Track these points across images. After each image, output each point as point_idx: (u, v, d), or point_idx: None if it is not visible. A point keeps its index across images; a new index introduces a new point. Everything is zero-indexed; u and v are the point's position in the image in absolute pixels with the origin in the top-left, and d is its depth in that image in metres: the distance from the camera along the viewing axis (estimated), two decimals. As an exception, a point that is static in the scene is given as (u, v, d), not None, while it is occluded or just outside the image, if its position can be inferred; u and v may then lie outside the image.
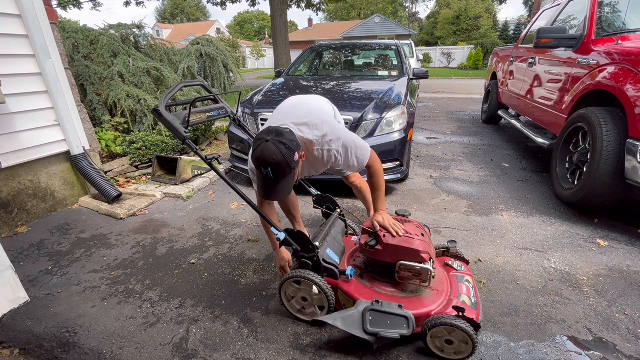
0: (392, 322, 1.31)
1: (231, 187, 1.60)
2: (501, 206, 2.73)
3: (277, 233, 1.54)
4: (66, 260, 2.13)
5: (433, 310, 1.37)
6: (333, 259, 1.54)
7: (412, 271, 1.40)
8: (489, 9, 31.83)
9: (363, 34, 25.17)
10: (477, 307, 1.42)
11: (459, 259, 1.70)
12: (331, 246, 1.61)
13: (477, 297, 1.47)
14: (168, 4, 50.15)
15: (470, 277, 1.57)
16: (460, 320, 1.26)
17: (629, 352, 1.40)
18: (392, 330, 1.30)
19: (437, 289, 1.47)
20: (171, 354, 1.43)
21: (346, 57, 5.02)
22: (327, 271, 1.49)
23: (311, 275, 1.44)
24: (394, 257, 1.42)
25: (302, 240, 1.49)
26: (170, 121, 1.59)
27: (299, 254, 1.51)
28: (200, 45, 5.56)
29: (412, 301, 1.41)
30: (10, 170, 2.46)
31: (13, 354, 1.48)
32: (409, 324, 1.31)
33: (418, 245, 1.40)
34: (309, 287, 1.46)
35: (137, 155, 3.54)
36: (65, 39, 3.98)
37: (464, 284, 1.50)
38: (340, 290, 1.49)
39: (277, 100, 3.28)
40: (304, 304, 1.54)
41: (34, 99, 2.52)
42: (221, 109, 1.95)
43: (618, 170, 2.17)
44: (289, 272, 1.52)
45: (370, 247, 1.46)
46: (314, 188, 2.03)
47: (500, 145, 4.54)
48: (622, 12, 2.91)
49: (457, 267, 1.61)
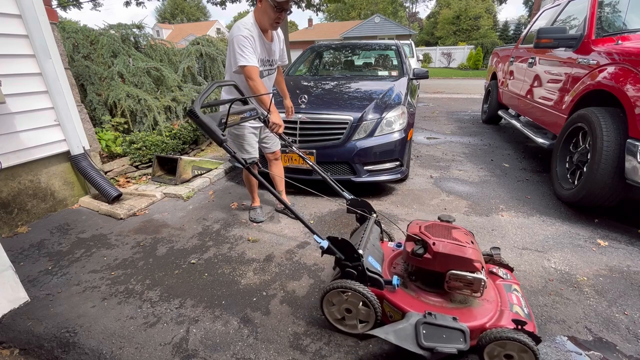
0: (447, 336, 1.23)
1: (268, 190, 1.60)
2: (501, 206, 2.73)
3: (320, 241, 1.46)
4: (66, 260, 2.13)
5: (487, 323, 1.30)
6: (375, 267, 1.47)
7: (463, 281, 1.31)
8: (489, 9, 31.85)
9: (363, 34, 25.17)
10: (531, 318, 1.36)
11: (502, 266, 1.62)
12: (372, 253, 1.53)
13: (529, 308, 1.41)
14: (168, 4, 50.13)
15: (518, 285, 1.50)
16: (521, 334, 1.19)
17: (629, 352, 1.40)
18: (448, 345, 1.21)
19: (487, 299, 1.39)
20: (171, 354, 1.43)
21: (346, 57, 5.02)
22: (371, 281, 1.42)
23: (358, 286, 1.37)
24: (444, 266, 1.34)
25: (346, 249, 1.43)
26: (207, 123, 1.49)
27: (343, 263, 1.44)
28: (200, 45, 5.56)
29: (463, 312, 1.34)
30: (10, 170, 2.46)
31: (13, 354, 1.48)
32: (465, 337, 1.22)
33: (470, 253, 1.32)
34: (357, 299, 1.40)
35: (137, 155, 3.54)
36: (65, 39, 3.97)
37: (513, 293, 1.43)
38: (387, 300, 1.42)
39: (277, 100, 3.27)
40: (346, 315, 1.47)
41: (34, 99, 2.52)
42: (252, 110, 1.93)
43: (618, 170, 2.17)
44: (333, 282, 1.43)
45: (418, 256, 1.38)
46: (347, 192, 1.95)
47: (500, 145, 4.54)
48: (622, 12, 2.91)
49: (503, 275, 1.54)
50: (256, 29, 2.04)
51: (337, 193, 1.97)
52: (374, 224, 1.76)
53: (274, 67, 2.31)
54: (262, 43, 2.11)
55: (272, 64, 2.28)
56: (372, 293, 1.39)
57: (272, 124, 2.04)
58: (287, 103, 2.59)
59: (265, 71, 2.21)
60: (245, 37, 1.97)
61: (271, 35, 2.18)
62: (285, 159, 2.85)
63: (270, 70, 2.27)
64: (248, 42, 1.97)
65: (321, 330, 1.53)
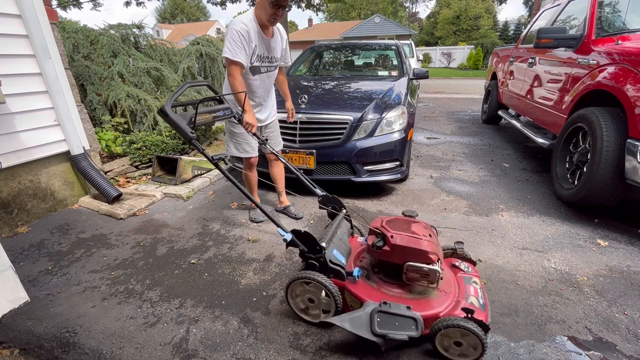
0: (400, 324, 1.30)
1: (237, 187, 1.64)
2: (501, 206, 2.73)
3: (283, 234, 1.54)
4: (66, 260, 2.13)
5: (441, 312, 1.36)
6: (340, 259, 1.53)
7: (420, 272, 1.38)
8: (489, 9, 31.85)
9: (363, 34, 25.16)
10: (486, 308, 1.41)
11: (465, 260, 1.68)
12: (337, 247, 1.60)
13: (485, 299, 1.46)
14: (168, 4, 50.14)
15: (478, 278, 1.56)
16: (469, 321, 1.25)
17: (629, 352, 1.40)
18: (400, 332, 1.29)
19: (445, 290, 1.46)
20: (171, 354, 1.43)
21: (346, 57, 5.02)
22: (333, 272, 1.48)
23: (318, 277, 1.43)
24: (402, 258, 1.41)
25: (309, 241, 1.49)
26: (177, 121, 1.60)
27: (306, 255, 1.51)
28: (200, 45, 5.56)
29: (419, 302, 1.40)
30: (10, 170, 2.46)
31: (13, 354, 1.48)
32: (417, 325, 1.29)
33: (426, 246, 1.39)
34: (318, 290, 1.46)
35: (137, 155, 3.54)
36: (65, 39, 3.97)
37: (472, 285, 1.49)
38: (348, 291, 1.49)
39: (278, 100, 3.27)
40: (309, 305, 1.53)
41: (34, 99, 2.52)
42: (226, 109, 1.95)
43: (618, 170, 2.17)
44: (297, 273, 1.50)
45: (377, 248, 1.45)
46: (319, 188, 2.02)
47: (500, 145, 4.54)
48: (622, 12, 2.91)
49: (464, 268, 1.60)
50: (255, 24, 2.02)
51: (310, 191, 2.05)
52: (343, 219, 1.85)
53: (273, 64, 2.27)
54: (261, 39, 2.08)
55: (272, 61, 2.24)
56: (333, 283, 1.45)
57: (245, 123, 2.03)
58: (289, 105, 2.57)
59: (263, 67, 2.19)
60: (238, 31, 1.94)
61: (272, 31, 2.16)
62: (285, 159, 2.84)
63: (269, 67, 2.24)
64: (239, 37, 1.95)
65: (321, 330, 1.53)
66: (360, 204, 2.80)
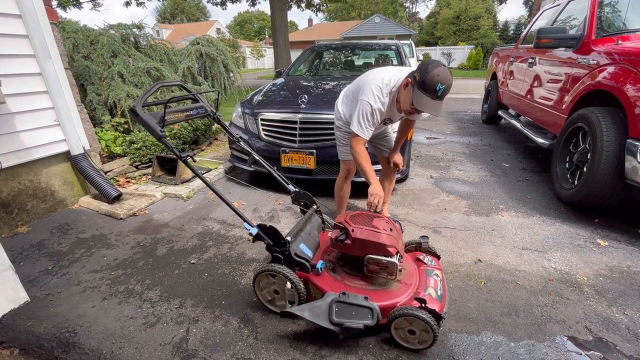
0: (357, 313, 1.37)
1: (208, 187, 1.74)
2: (501, 206, 2.73)
3: (249, 228, 1.60)
4: (66, 260, 2.13)
5: (399, 302, 1.42)
6: (306, 253, 1.61)
7: (379, 264, 1.45)
8: (489, 9, 31.84)
9: (363, 34, 25.16)
10: (443, 299, 1.47)
11: (430, 253, 1.74)
12: (305, 241, 1.67)
13: (444, 290, 1.52)
14: (168, 4, 50.14)
15: (440, 271, 1.62)
16: (421, 310, 1.31)
17: (629, 352, 1.40)
18: (356, 321, 1.35)
19: (406, 282, 1.52)
20: (171, 354, 1.43)
21: (346, 57, 5.02)
22: (298, 265, 1.55)
23: (282, 269, 1.49)
24: (362, 250, 1.47)
25: (273, 235, 1.56)
26: (146, 120, 1.65)
27: (272, 248, 1.58)
28: (200, 45, 5.57)
29: (379, 293, 1.46)
30: (10, 170, 2.46)
31: (13, 354, 1.48)
32: (373, 314, 1.36)
33: (385, 239, 1.44)
34: (283, 282, 1.52)
35: (137, 155, 3.54)
36: (65, 39, 3.98)
37: (433, 278, 1.55)
38: (311, 283, 1.55)
39: (277, 100, 3.28)
40: (275, 296, 1.60)
41: (34, 99, 2.52)
42: (200, 108, 1.99)
43: (618, 170, 2.17)
44: (263, 266, 1.57)
45: (340, 242, 1.51)
46: (292, 184, 2.07)
47: (500, 145, 4.54)
48: (622, 12, 2.91)
49: (428, 262, 1.66)
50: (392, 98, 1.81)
51: (282, 188, 2.09)
52: (313, 215, 1.91)
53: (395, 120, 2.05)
54: (392, 110, 1.87)
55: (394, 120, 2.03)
56: (296, 276, 1.51)
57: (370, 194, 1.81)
58: (397, 159, 2.21)
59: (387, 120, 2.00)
60: (374, 110, 1.77)
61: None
62: (285, 159, 2.85)
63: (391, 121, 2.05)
64: (373, 118, 1.78)
65: (321, 330, 1.53)
66: (361, 204, 2.80)
